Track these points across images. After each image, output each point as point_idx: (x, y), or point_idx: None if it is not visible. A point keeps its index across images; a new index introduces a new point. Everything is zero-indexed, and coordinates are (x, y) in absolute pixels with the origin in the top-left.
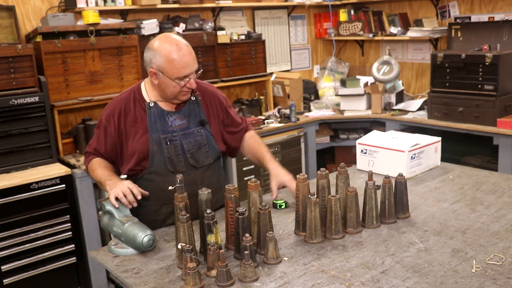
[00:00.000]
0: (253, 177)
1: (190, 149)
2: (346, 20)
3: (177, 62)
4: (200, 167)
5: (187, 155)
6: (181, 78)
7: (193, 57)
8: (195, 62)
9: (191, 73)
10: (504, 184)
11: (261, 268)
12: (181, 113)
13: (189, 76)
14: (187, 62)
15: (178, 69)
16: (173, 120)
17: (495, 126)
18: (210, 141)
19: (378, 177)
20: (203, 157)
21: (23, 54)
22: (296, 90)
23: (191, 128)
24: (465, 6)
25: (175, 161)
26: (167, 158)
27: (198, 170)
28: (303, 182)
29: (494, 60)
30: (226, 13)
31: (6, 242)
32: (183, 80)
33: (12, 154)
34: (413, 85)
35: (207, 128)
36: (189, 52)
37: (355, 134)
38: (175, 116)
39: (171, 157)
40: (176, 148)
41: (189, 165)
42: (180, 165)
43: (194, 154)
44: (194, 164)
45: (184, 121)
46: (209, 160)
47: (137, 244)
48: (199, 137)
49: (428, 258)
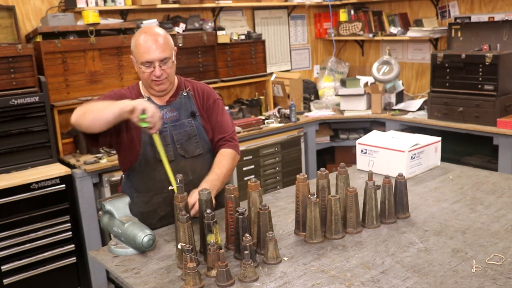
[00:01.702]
0: (253, 177)
1: (180, 139)
2: (346, 20)
3: (140, 46)
4: (190, 157)
5: (176, 145)
6: (145, 64)
7: (160, 44)
8: (161, 50)
9: (153, 59)
10: (504, 184)
11: (261, 268)
12: (172, 106)
13: (154, 64)
14: (149, 47)
15: (140, 53)
16: (165, 113)
17: (495, 126)
18: (201, 132)
19: (378, 177)
20: (192, 147)
21: (23, 54)
22: (296, 90)
23: (182, 120)
24: (465, 6)
25: (165, 150)
26: (155, 147)
27: (187, 159)
28: (303, 182)
29: (494, 60)
30: (226, 13)
31: (6, 242)
32: (147, 66)
33: (12, 154)
34: (413, 85)
35: (198, 120)
36: (155, 39)
37: (355, 134)
38: (166, 109)
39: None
40: (166, 138)
41: (178, 154)
42: (170, 154)
43: (183, 144)
44: (183, 154)
45: (175, 113)
46: (199, 150)
47: (137, 244)
48: (189, 128)
49: (428, 258)
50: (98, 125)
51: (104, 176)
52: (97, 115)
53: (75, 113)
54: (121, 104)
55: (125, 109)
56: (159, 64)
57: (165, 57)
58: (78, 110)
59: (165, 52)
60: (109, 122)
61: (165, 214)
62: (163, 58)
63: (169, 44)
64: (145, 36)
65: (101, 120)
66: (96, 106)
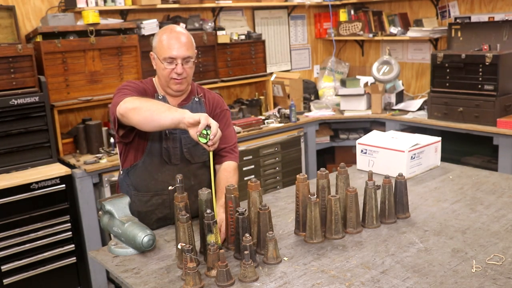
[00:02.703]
0: (253, 177)
1: (188, 143)
2: (346, 20)
3: (165, 42)
4: (195, 163)
5: (183, 149)
6: (167, 60)
7: (184, 43)
8: (185, 48)
9: (177, 56)
10: (504, 184)
11: (261, 268)
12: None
13: (177, 61)
14: (174, 44)
15: (164, 49)
16: None
17: (495, 126)
18: None
19: (378, 177)
20: (199, 153)
21: (23, 54)
22: (296, 90)
23: None
24: (465, 6)
25: (171, 153)
26: (164, 148)
27: (192, 165)
28: (303, 182)
29: (494, 60)
30: (226, 13)
31: (6, 242)
32: (169, 62)
33: (12, 154)
34: (413, 85)
35: None
36: (179, 37)
37: (355, 134)
38: None
39: (167, 148)
40: (175, 140)
41: (184, 158)
42: (176, 157)
43: (190, 149)
44: (189, 158)
45: None
46: (205, 157)
47: (137, 244)
48: None
49: (428, 258)
50: (151, 125)
51: (104, 176)
52: (152, 115)
53: (125, 103)
54: (183, 113)
55: (187, 120)
56: (181, 62)
57: (188, 56)
58: (129, 102)
59: (188, 51)
60: (163, 126)
61: (162, 216)
62: (186, 56)
63: (193, 44)
64: (170, 33)
65: (156, 122)
66: (151, 105)
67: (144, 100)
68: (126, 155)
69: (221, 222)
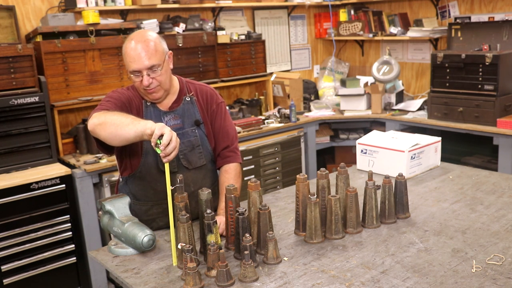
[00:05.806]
0: (253, 177)
1: (183, 150)
2: (346, 20)
3: (127, 55)
4: (193, 168)
5: (179, 155)
6: (132, 73)
7: (145, 53)
8: (147, 58)
9: (140, 69)
10: (504, 184)
11: (261, 268)
12: (176, 113)
13: (142, 73)
14: (134, 56)
15: (127, 63)
16: (168, 120)
17: (495, 126)
18: (204, 142)
19: (378, 177)
20: (196, 158)
21: (23, 54)
22: (296, 90)
23: (185, 128)
24: (465, 6)
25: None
26: (159, 157)
27: (190, 171)
28: (303, 182)
29: (494, 60)
30: (226, 13)
31: (6, 242)
32: (136, 75)
33: (12, 154)
34: (413, 85)
35: (201, 129)
36: (142, 47)
37: (355, 134)
38: (170, 116)
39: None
40: None
41: (181, 165)
42: (172, 165)
43: (187, 155)
44: (186, 165)
45: (179, 121)
46: (202, 161)
47: (137, 244)
48: (193, 138)
49: (428, 258)
50: (117, 140)
51: (104, 176)
52: (117, 130)
53: (93, 120)
54: (144, 125)
55: (146, 132)
56: (147, 73)
57: (153, 65)
58: (96, 118)
59: (151, 60)
60: (129, 140)
61: (163, 224)
62: (150, 66)
63: (158, 50)
64: (132, 43)
65: (121, 136)
66: (116, 119)
67: (111, 113)
68: (123, 163)
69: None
